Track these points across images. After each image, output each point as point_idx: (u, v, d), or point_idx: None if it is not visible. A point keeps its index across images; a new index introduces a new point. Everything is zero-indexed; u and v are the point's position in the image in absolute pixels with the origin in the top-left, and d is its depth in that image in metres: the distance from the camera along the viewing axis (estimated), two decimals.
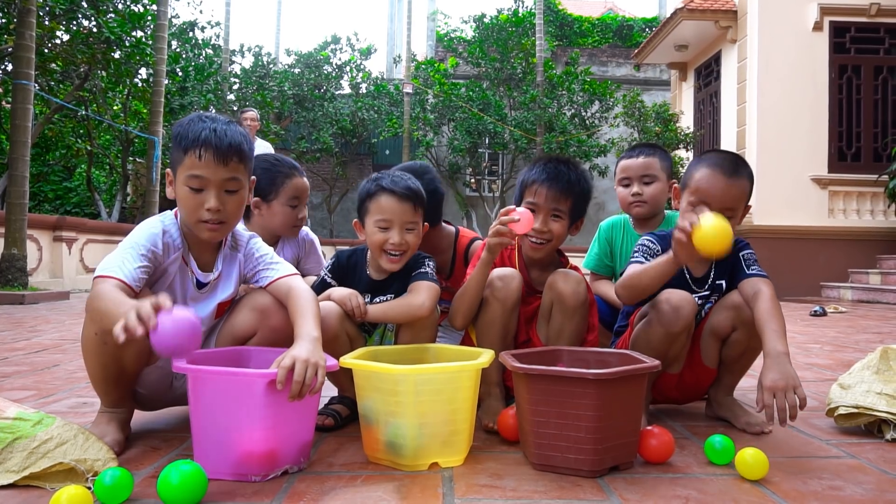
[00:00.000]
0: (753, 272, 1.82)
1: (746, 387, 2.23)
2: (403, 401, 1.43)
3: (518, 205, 1.92)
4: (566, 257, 2.05)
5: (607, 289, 2.41)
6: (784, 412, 1.49)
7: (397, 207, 1.83)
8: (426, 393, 1.44)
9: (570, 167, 1.92)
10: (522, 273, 1.94)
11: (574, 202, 1.90)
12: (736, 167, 1.81)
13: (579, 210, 1.93)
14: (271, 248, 1.77)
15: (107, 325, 1.35)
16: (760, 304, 1.70)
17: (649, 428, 1.54)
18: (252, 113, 7.17)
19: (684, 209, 1.84)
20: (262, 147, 6.82)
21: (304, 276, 1.93)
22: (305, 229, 2.53)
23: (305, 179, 2.29)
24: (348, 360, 1.52)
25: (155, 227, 1.60)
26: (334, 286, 1.91)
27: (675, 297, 1.73)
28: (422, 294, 1.81)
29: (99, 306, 1.41)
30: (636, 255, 1.86)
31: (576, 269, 1.98)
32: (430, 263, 1.92)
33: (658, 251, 1.84)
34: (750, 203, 1.88)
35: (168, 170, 1.64)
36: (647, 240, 1.89)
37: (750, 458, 1.41)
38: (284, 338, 1.50)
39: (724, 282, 1.88)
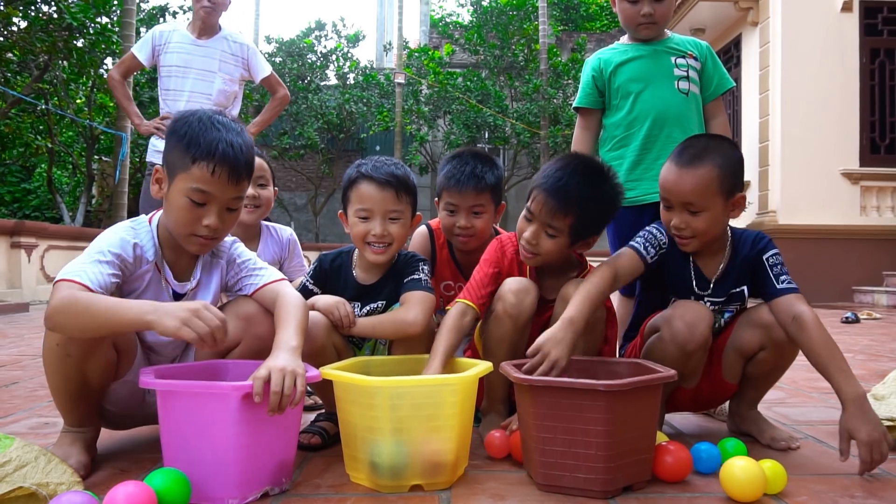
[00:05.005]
0: (785, 287, 1.76)
1: (771, 399, 2.24)
2: (379, 415, 1.44)
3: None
4: (584, 258, 1.98)
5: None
6: (879, 464, 1.53)
7: (377, 195, 1.83)
8: (403, 408, 1.44)
9: (585, 178, 1.78)
10: (533, 281, 1.91)
11: (576, 222, 1.77)
12: (695, 156, 1.73)
13: (584, 230, 1.81)
14: (254, 253, 1.78)
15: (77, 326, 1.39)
16: (811, 335, 1.66)
17: (664, 444, 1.55)
18: None
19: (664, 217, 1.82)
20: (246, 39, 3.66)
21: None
22: (290, 230, 2.54)
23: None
24: (328, 370, 1.53)
25: (127, 234, 1.58)
26: (317, 293, 1.92)
27: (689, 314, 1.72)
28: (414, 308, 1.80)
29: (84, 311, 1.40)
30: (638, 238, 1.83)
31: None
32: (425, 268, 1.92)
33: (664, 243, 1.83)
34: (743, 193, 1.80)
35: (159, 166, 1.61)
36: (656, 228, 1.85)
37: (767, 471, 1.43)
38: (270, 347, 1.51)
39: (745, 288, 1.86)
